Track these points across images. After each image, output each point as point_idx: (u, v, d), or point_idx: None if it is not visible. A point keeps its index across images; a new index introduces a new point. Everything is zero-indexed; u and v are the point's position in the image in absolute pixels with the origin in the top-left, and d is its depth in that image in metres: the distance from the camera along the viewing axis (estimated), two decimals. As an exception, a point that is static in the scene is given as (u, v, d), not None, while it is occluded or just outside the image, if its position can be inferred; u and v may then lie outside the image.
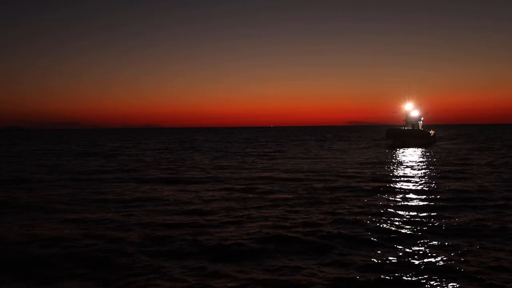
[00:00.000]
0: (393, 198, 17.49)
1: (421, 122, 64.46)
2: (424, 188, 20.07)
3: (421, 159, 36.06)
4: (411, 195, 18.20)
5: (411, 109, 63.47)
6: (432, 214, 14.44)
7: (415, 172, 26.72)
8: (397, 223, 13.28)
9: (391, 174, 25.58)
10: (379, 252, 10.44)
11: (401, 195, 18.22)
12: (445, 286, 8.33)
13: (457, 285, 8.36)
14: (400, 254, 10.23)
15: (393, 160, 35.65)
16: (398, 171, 27.43)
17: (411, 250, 10.48)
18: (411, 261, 9.74)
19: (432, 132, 66.25)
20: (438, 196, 17.72)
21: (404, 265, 9.47)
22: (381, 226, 12.87)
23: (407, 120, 63.09)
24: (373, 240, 11.42)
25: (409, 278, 8.75)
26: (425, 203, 16.42)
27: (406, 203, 16.48)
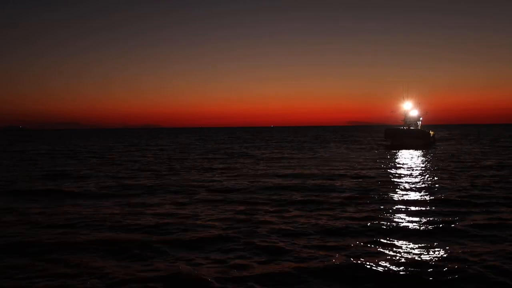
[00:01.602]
0: (391, 206, 16.07)
1: (420, 122, 63.07)
2: (424, 194, 18.69)
3: (421, 161, 34.87)
4: (410, 202, 16.84)
5: (410, 109, 62.12)
6: (433, 224, 13.22)
7: (414, 175, 25.41)
8: (394, 234, 12.12)
9: (388, 178, 24.35)
10: (373, 270, 9.28)
11: (399, 202, 16.88)
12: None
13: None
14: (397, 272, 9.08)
15: (392, 163, 34.47)
16: (397, 174, 26.20)
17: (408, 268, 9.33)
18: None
19: (431, 132, 64.89)
20: (440, 203, 16.37)
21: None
22: (376, 238, 11.71)
23: (405, 120, 61.74)
24: (366, 255, 10.26)
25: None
26: (425, 211, 15.13)
27: (404, 211, 15.18)
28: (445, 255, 10.11)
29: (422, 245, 11.01)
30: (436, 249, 10.59)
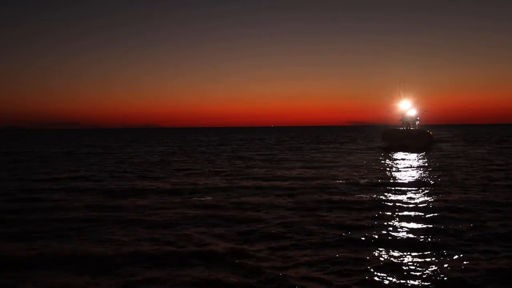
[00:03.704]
0: (390, 220, 14.55)
1: (418, 122, 61.11)
2: (427, 201, 17.15)
3: (422, 164, 33.56)
4: (411, 210, 15.41)
5: (407, 108, 59.97)
6: (434, 237, 12.03)
7: (415, 180, 23.89)
8: (391, 248, 10.94)
9: (388, 185, 23.06)
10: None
11: (398, 211, 15.43)
12: None
13: None
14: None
15: (391, 166, 33.26)
16: (396, 179, 24.91)
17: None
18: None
19: (430, 133, 63.26)
20: (443, 212, 14.98)
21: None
22: (371, 252, 10.57)
23: (403, 120, 59.92)
24: (360, 270, 9.09)
25: None
26: (427, 223, 13.80)
27: (404, 221, 13.85)
28: (440, 269, 8.96)
29: (418, 260, 9.85)
30: (433, 263, 9.44)
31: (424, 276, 9.00)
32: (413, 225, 13.26)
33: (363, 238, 11.80)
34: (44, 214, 15.61)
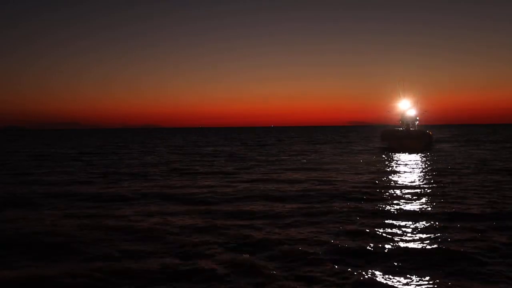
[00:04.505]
0: (389, 227, 14.14)
1: (417, 122, 60.76)
2: (427, 207, 16.71)
3: (422, 166, 33.34)
4: (411, 216, 14.99)
5: (407, 108, 59.38)
6: (434, 246, 11.83)
7: (415, 183, 23.64)
8: (390, 257, 10.65)
9: (386, 189, 22.88)
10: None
11: (398, 217, 14.94)
12: None
13: None
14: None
15: (390, 168, 33.04)
16: (396, 182, 24.63)
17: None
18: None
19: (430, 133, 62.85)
20: (443, 219, 14.50)
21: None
22: (370, 261, 10.33)
23: (402, 120, 59.60)
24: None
25: None
26: (427, 231, 13.59)
27: (404, 228, 13.56)
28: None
29: (418, 271, 9.66)
30: (432, 276, 9.25)
31: None
32: (413, 233, 12.88)
33: (361, 244, 11.57)
34: (31, 223, 14.62)
